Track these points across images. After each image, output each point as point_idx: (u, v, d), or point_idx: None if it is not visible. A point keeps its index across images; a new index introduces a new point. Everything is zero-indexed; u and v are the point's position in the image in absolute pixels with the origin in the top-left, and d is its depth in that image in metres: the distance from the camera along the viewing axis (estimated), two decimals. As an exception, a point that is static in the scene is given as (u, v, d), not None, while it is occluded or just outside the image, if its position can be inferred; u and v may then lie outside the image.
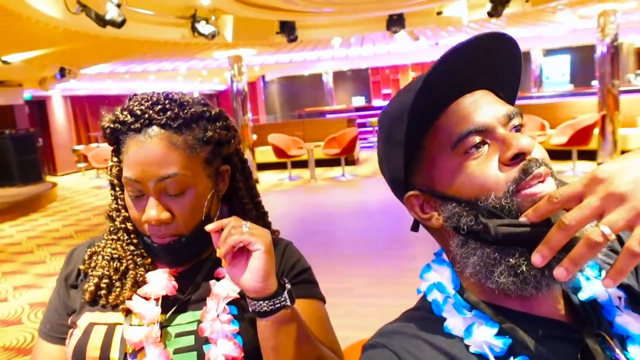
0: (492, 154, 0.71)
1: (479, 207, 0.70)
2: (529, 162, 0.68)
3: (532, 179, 0.68)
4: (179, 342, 0.95)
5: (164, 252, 0.99)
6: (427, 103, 0.72)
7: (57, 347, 1.04)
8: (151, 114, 0.96)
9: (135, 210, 0.98)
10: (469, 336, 0.71)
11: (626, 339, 0.71)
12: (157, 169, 0.93)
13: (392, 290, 4.28)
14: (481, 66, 0.74)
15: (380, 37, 13.11)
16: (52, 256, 6.47)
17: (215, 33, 8.42)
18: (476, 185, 0.71)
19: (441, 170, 0.75)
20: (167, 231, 0.96)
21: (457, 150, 0.72)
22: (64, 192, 12.32)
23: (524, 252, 0.67)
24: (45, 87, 12.86)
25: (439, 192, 0.76)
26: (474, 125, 0.72)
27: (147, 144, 0.94)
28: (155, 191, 0.95)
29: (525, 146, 0.68)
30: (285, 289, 0.89)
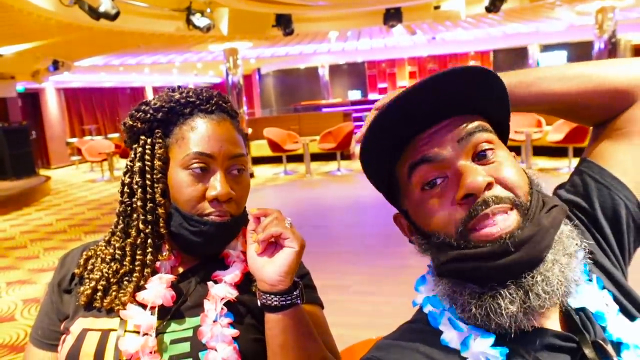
0: (449, 190, 0.72)
1: (434, 243, 0.74)
2: (476, 204, 0.69)
3: (478, 222, 0.69)
4: (174, 349, 0.93)
5: (220, 231, 0.98)
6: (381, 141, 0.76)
7: (49, 354, 1.02)
8: (217, 100, 1.04)
9: (194, 188, 0.98)
10: (466, 349, 0.71)
11: (619, 345, 0.71)
12: (232, 146, 1.00)
13: (387, 288, 4.26)
14: (446, 99, 0.73)
15: (377, 31, 13.06)
16: (45, 251, 6.42)
17: (210, 26, 8.34)
18: (433, 222, 0.73)
19: (410, 201, 0.78)
20: (228, 209, 0.99)
21: (415, 183, 0.75)
22: (58, 185, 12.25)
23: (475, 289, 0.69)
24: (39, 79, 12.76)
25: (412, 220, 0.79)
26: (424, 156, 0.74)
27: (222, 123, 1.02)
28: (224, 168, 0.99)
29: (471, 187, 0.69)
30: (298, 287, 0.90)
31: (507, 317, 0.66)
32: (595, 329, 0.73)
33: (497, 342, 0.69)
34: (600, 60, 0.89)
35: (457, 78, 0.71)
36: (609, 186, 0.84)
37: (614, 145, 0.86)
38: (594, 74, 0.86)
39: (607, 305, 0.75)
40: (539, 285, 0.66)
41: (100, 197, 10.19)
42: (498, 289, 0.67)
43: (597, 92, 0.85)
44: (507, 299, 0.66)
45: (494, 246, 0.67)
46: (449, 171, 0.72)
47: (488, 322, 0.68)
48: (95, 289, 0.99)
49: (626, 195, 0.83)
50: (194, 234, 0.97)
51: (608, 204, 0.84)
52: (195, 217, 0.97)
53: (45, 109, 16.51)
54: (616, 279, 0.81)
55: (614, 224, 0.84)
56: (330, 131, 11.00)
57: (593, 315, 0.74)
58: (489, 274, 0.67)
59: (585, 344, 0.70)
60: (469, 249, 0.69)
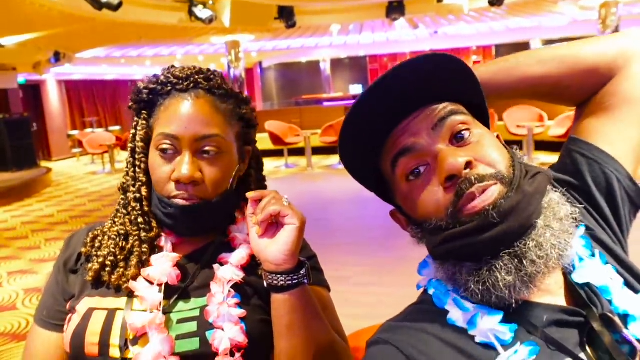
0: (433, 176, 0.73)
1: (426, 229, 0.75)
2: (460, 185, 0.69)
3: (465, 200, 0.69)
4: (181, 329, 0.93)
5: (186, 215, 0.97)
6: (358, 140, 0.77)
7: (54, 334, 1.01)
8: (197, 79, 0.99)
9: (162, 169, 0.97)
10: (474, 327, 0.71)
11: (626, 318, 0.72)
12: (200, 127, 0.96)
13: (388, 279, 4.27)
14: (411, 91, 0.74)
15: (380, 24, 13.02)
16: (47, 242, 6.42)
17: (212, 17, 8.32)
18: (422, 209, 0.74)
19: (399, 194, 0.79)
20: (194, 192, 0.96)
21: (400, 176, 0.76)
22: (59, 177, 12.25)
23: (472, 266, 0.70)
24: (40, 71, 12.75)
25: (405, 213, 0.81)
26: (402, 147, 0.75)
27: (193, 102, 0.97)
28: (192, 149, 0.96)
29: (450, 169, 0.70)
30: (304, 266, 0.89)
31: (505, 288, 0.67)
32: (602, 303, 0.73)
33: (505, 320, 0.70)
34: (574, 41, 0.92)
35: (418, 67, 0.73)
36: (599, 160, 0.85)
37: (598, 120, 0.87)
38: (569, 54, 0.88)
39: (612, 279, 0.75)
40: (532, 252, 0.67)
41: (101, 189, 10.19)
42: (493, 262, 0.68)
43: (576, 71, 0.87)
44: (503, 270, 0.67)
45: (479, 220, 0.67)
46: (429, 158, 0.73)
47: (489, 297, 0.69)
48: (103, 265, 0.99)
49: (616, 167, 0.84)
50: (165, 215, 0.98)
51: (600, 178, 0.84)
52: (165, 199, 0.97)
53: (46, 100, 16.49)
54: (617, 254, 0.81)
55: (608, 198, 0.85)
56: (332, 125, 10.98)
57: (598, 289, 0.74)
58: (480, 249, 0.68)
59: (593, 318, 0.70)
60: (456, 228, 0.70)
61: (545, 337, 0.68)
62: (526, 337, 0.69)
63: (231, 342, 0.91)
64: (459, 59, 0.74)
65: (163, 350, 0.89)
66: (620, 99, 0.86)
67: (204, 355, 0.91)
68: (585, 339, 0.69)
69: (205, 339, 0.92)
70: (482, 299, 0.70)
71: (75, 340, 0.93)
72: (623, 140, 0.86)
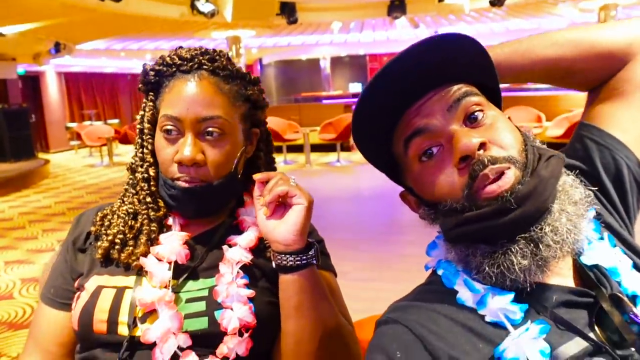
0: (447, 157, 0.72)
1: (441, 211, 0.74)
2: (473, 166, 0.69)
3: (480, 183, 0.69)
4: (190, 308, 0.94)
5: (189, 197, 0.97)
6: (371, 121, 0.77)
7: (61, 313, 1.01)
8: (201, 60, 0.98)
9: (166, 151, 0.97)
10: (484, 306, 0.71)
11: (635, 299, 0.72)
12: (202, 109, 0.95)
13: (386, 275, 4.27)
14: (425, 72, 0.73)
15: (380, 23, 13.01)
16: (44, 232, 6.40)
17: (214, 12, 8.31)
18: (436, 191, 0.74)
19: (411, 175, 0.79)
20: (197, 174, 0.96)
21: (412, 156, 0.76)
22: (56, 169, 12.20)
23: (486, 248, 0.70)
24: (40, 62, 12.69)
25: (416, 194, 0.80)
26: (416, 128, 0.74)
27: (195, 83, 0.96)
28: (195, 131, 0.95)
29: (464, 149, 0.69)
30: (313, 247, 0.89)
31: (520, 271, 0.67)
32: (611, 284, 0.73)
33: (515, 300, 0.70)
34: (589, 26, 0.91)
35: (434, 47, 0.71)
36: (609, 147, 0.85)
37: (611, 106, 0.87)
38: (584, 38, 0.87)
39: (621, 261, 0.76)
40: (548, 236, 0.67)
41: (99, 182, 10.16)
42: (509, 246, 0.68)
43: (591, 55, 0.87)
44: (519, 254, 0.67)
45: (496, 204, 0.67)
46: (442, 139, 0.73)
47: (503, 280, 0.69)
48: (112, 242, 1.00)
49: (626, 154, 0.84)
50: (169, 197, 0.99)
51: (610, 164, 0.84)
52: (169, 181, 0.97)
53: (45, 92, 16.40)
54: (624, 238, 0.82)
55: (617, 184, 0.85)
56: (331, 122, 10.97)
57: (607, 270, 0.74)
58: (496, 233, 0.68)
59: (603, 298, 0.70)
60: (472, 211, 0.69)
61: (555, 317, 0.69)
62: (535, 317, 0.69)
63: (240, 322, 0.91)
64: (474, 40, 0.73)
65: (172, 326, 0.89)
66: (634, 85, 0.86)
67: (212, 334, 0.92)
68: (594, 319, 0.69)
69: (213, 319, 0.92)
70: (496, 281, 0.70)
71: (83, 318, 0.94)
72: (635, 127, 0.86)
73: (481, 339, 0.69)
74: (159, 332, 0.89)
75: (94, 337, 0.93)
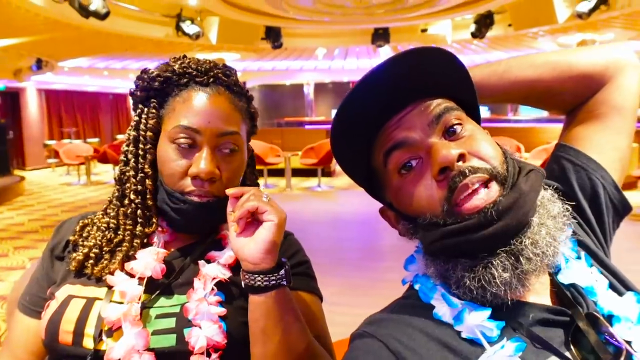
0: (426, 170, 0.72)
1: (420, 225, 0.73)
2: (453, 177, 0.69)
3: (459, 194, 0.68)
4: (158, 324, 0.90)
5: (198, 212, 0.94)
6: (350, 131, 0.76)
7: (34, 321, 0.98)
8: (217, 73, 0.98)
9: (177, 163, 0.93)
10: (460, 322, 0.70)
11: (611, 318, 0.72)
12: (223, 123, 0.94)
13: (365, 300, 4.23)
14: (402, 86, 0.73)
15: (364, 51, 13.21)
16: (15, 250, 6.24)
17: (199, 34, 8.36)
18: (415, 204, 0.73)
19: (390, 189, 0.78)
20: (210, 189, 0.93)
21: (391, 170, 0.75)
22: (32, 186, 11.99)
23: (467, 263, 0.69)
24: (20, 78, 12.56)
25: (395, 209, 0.79)
26: (395, 142, 0.74)
27: (214, 97, 0.96)
28: (212, 145, 0.94)
29: (443, 161, 0.69)
30: (284, 267, 0.85)
31: (501, 284, 0.67)
32: (587, 303, 0.73)
33: (492, 317, 0.69)
34: (567, 49, 0.94)
35: (413, 59, 0.72)
36: (586, 167, 0.86)
37: (587, 128, 0.89)
38: (562, 60, 0.89)
39: (597, 281, 0.76)
40: (528, 249, 0.67)
41: (75, 200, 9.99)
42: (489, 259, 0.67)
43: (568, 77, 0.88)
44: (500, 267, 0.67)
45: (479, 218, 0.67)
46: (422, 152, 0.73)
47: (483, 294, 0.68)
48: (87, 256, 0.96)
49: (602, 175, 0.85)
50: (174, 211, 0.95)
51: (586, 184, 0.85)
52: (177, 194, 0.94)
53: (24, 108, 16.22)
54: (601, 259, 0.82)
55: (593, 204, 0.86)
56: (313, 147, 11.00)
57: (584, 290, 0.74)
58: (478, 246, 0.68)
59: (579, 317, 0.70)
60: (454, 224, 0.69)
61: (531, 335, 0.68)
62: (512, 335, 0.68)
63: (208, 341, 0.87)
64: (452, 54, 0.73)
65: (137, 344, 0.85)
66: (610, 108, 0.87)
67: (181, 353, 0.87)
68: (570, 338, 0.69)
69: (182, 336, 0.88)
70: (476, 295, 0.69)
71: (50, 327, 0.90)
72: (611, 149, 0.87)
73: (456, 355, 0.68)
74: (122, 350, 0.85)
75: (59, 347, 0.89)
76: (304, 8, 8.42)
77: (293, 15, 8.75)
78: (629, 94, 0.87)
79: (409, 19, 9.37)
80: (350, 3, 8.18)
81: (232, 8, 8.27)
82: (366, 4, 8.35)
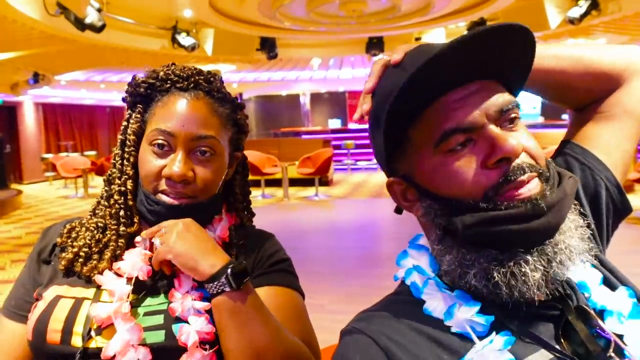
0: (477, 154, 0.69)
1: (454, 207, 0.70)
2: (512, 169, 0.67)
3: (514, 188, 0.67)
4: (147, 321, 0.92)
5: (172, 214, 0.96)
6: (414, 95, 0.69)
7: (20, 326, 0.98)
8: (198, 79, 1.01)
9: (152, 164, 0.96)
10: (450, 317, 0.70)
11: (603, 313, 0.72)
12: (197, 127, 0.96)
13: (362, 307, 4.20)
14: (479, 60, 0.69)
15: (359, 61, 13.27)
16: (12, 263, 6.22)
17: (195, 45, 8.39)
18: (455, 186, 0.70)
19: (424, 163, 0.73)
20: (184, 190, 0.96)
21: (441, 148, 0.70)
22: (30, 200, 11.97)
23: (497, 255, 0.67)
24: (17, 92, 12.59)
25: (419, 185, 0.75)
26: (459, 124, 0.69)
27: (192, 102, 0.98)
28: (187, 148, 0.96)
29: (510, 151, 0.66)
30: (222, 275, 0.88)
31: (531, 283, 0.66)
32: (578, 297, 0.73)
33: (481, 311, 0.69)
34: (592, 45, 0.93)
35: (502, 36, 0.68)
36: (592, 167, 0.86)
37: (597, 128, 0.89)
38: (585, 56, 0.89)
39: (590, 275, 0.76)
40: (562, 254, 0.67)
41: (72, 213, 9.97)
42: (524, 256, 0.66)
43: (587, 73, 0.88)
44: (532, 265, 0.66)
45: (526, 207, 0.65)
46: (476, 135, 0.69)
47: (507, 290, 0.67)
48: (77, 254, 0.98)
49: (607, 176, 0.85)
50: (149, 212, 0.98)
51: (590, 183, 0.85)
52: (152, 197, 0.97)
53: (21, 122, 16.24)
54: (598, 257, 0.81)
55: (593, 204, 0.86)
56: (310, 156, 11.02)
57: (577, 285, 0.75)
58: (516, 238, 0.66)
59: (569, 310, 0.70)
60: (499, 211, 0.66)
61: (521, 329, 0.68)
62: (501, 329, 0.68)
63: (198, 334, 0.89)
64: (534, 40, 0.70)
65: (131, 339, 0.87)
66: (623, 110, 0.88)
67: (171, 349, 0.89)
68: (560, 332, 0.69)
69: (171, 332, 0.90)
70: (494, 290, 0.68)
71: (38, 327, 0.90)
72: (618, 152, 0.87)
73: (446, 350, 0.68)
74: (118, 345, 0.86)
75: (47, 347, 0.90)
76: (298, 18, 8.48)
77: (287, 26, 8.80)
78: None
79: (403, 27, 9.42)
80: (343, 12, 8.23)
81: (226, 19, 8.32)
82: (359, 14, 8.41)
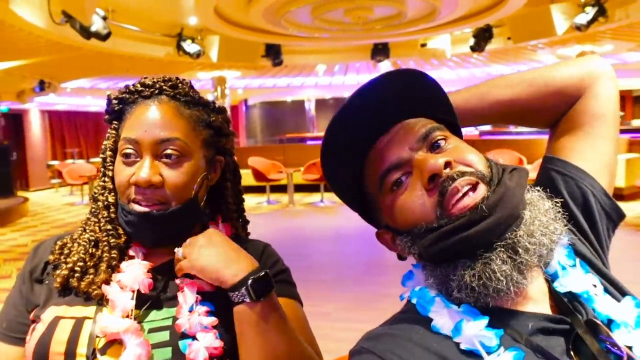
0: (416, 183, 0.75)
1: (417, 235, 0.75)
2: (442, 182, 0.72)
3: (450, 197, 0.71)
4: (153, 338, 0.90)
5: (144, 222, 0.94)
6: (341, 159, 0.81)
7: (13, 348, 0.96)
8: (162, 85, 1.00)
9: (123, 174, 0.95)
10: (458, 334, 0.70)
11: (610, 324, 0.72)
12: (160, 130, 0.95)
13: (368, 315, 4.20)
14: (384, 109, 0.79)
15: (364, 67, 13.29)
16: (18, 271, 6.22)
17: (200, 52, 8.43)
18: (409, 216, 0.76)
19: (384, 207, 0.81)
20: (154, 196, 0.94)
21: (385, 188, 0.78)
22: (36, 207, 12.02)
23: (465, 262, 0.70)
24: (23, 99, 12.68)
25: (391, 228, 0.81)
26: (390, 164, 0.77)
27: (155, 107, 0.97)
28: (153, 153, 0.95)
29: (432, 168, 0.73)
30: (243, 286, 0.87)
31: (502, 277, 0.68)
32: (586, 310, 0.73)
33: (490, 327, 0.69)
34: (540, 67, 0.96)
35: (392, 83, 0.78)
36: (574, 176, 0.87)
37: (571, 138, 0.91)
38: (538, 77, 0.93)
39: (594, 287, 0.76)
40: (524, 240, 0.69)
41: (78, 221, 9.99)
42: (488, 254, 0.69)
43: (545, 93, 0.92)
44: (499, 260, 0.69)
45: (470, 215, 0.69)
46: (410, 167, 0.77)
47: (486, 291, 0.69)
48: (72, 270, 0.96)
49: (591, 183, 0.87)
50: (126, 223, 0.97)
51: (576, 193, 0.87)
52: (126, 206, 0.95)
53: (28, 130, 16.34)
54: (598, 267, 0.82)
55: (586, 212, 0.87)
56: (315, 162, 11.01)
57: (581, 297, 0.75)
58: (474, 243, 0.69)
59: (578, 325, 0.70)
60: (448, 225, 0.71)
61: (531, 345, 0.68)
62: (511, 344, 0.68)
63: (207, 350, 0.88)
64: (426, 74, 0.79)
65: (142, 354, 0.85)
66: (590, 116, 0.90)
67: None
68: (570, 347, 0.68)
69: (177, 349, 0.88)
70: (478, 295, 0.70)
71: (39, 350, 0.88)
72: (597, 155, 0.89)
73: None
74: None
75: None
76: (303, 25, 8.50)
77: (292, 33, 8.82)
78: (607, 101, 0.90)
79: (408, 34, 9.43)
80: (349, 19, 8.24)
81: (232, 27, 8.35)
82: (365, 20, 8.42)
